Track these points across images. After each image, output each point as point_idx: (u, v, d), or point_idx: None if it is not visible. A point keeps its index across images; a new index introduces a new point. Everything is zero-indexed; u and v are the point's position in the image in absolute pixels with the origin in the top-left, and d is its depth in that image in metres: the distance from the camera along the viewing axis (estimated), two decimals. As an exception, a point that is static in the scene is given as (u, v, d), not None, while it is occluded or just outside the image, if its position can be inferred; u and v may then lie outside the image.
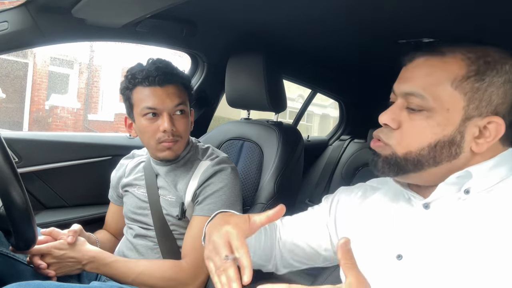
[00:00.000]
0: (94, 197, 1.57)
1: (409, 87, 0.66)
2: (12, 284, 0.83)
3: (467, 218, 0.62)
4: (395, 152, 0.66)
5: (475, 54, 0.63)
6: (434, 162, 0.64)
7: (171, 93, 1.11)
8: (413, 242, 0.66)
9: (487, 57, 0.63)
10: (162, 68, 1.11)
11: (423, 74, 0.65)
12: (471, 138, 0.63)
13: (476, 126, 0.63)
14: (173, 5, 0.95)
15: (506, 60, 0.63)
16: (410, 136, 0.65)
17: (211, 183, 1.14)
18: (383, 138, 0.68)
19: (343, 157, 2.28)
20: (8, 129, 5.81)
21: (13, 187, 0.85)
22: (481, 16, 1.03)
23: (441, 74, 0.63)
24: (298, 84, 2.18)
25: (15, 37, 1.12)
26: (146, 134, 1.13)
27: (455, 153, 0.64)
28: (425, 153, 0.64)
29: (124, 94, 1.16)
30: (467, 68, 0.62)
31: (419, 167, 0.65)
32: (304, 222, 0.89)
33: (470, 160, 0.65)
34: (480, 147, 0.63)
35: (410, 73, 0.67)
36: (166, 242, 1.16)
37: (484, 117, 0.62)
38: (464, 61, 0.63)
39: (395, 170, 0.67)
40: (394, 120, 0.67)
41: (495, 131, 0.62)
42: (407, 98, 0.66)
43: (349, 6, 1.06)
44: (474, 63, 0.62)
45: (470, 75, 0.62)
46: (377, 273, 0.69)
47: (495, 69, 0.62)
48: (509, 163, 0.66)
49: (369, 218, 0.77)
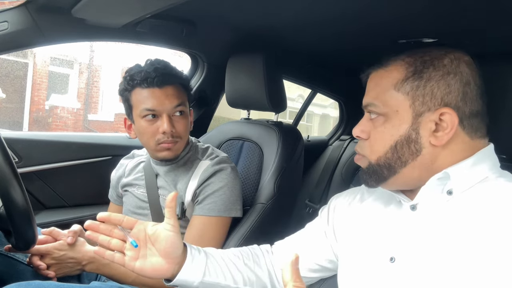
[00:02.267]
0: (94, 197, 1.57)
1: (366, 100, 0.74)
2: (12, 284, 0.83)
3: (452, 218, 0.63)
4: (370, 161, 0.72)
5: (413, 57, 0.69)
6: (401, 163, 0.69)
7: (170, 94, 1.11)
8: (403, 244, 0.68)
9: (425, 56, 0.68)
10: (160, 69, 1.11)
11: (373, 85, 0.73)
12: (429, 133, 0.67)
13: (431, 121, 0.66)
14: (173, 5, 0.95)
15: (443, 56, 0.67)
16: (376, 142, 0.71)
17: (211, 183, 1.14)
18: (359, 150, 0.75)
19: (343, 157, 2.28)
20: (8, 129, 5.80)
21: (13, 187, 0.85)
22: (481, 16, 1.03)
23: (385, 82, 0.70)
24: (298, 84, 2.18)
25: (15, 37, 1.12)
26: (145, 135, 1.13)
27: (415, 149, 0.68)
28: (390, 155, 0.69)
29: (123, 96, 1.15)
30: (406, 71, 0.69)
31: (392, 171, 0.70)
32: (303, 240, 0.89)
33: (438, 156, 0.67)
34: (439, 140, 0.66)
35: (367, 87, 0.75)
36: (166, 242, 1.16)
37: (434, 110, 0.66)
38: (402, 66, 0.69)
39: (375, 178, 0.72)
40: (364, 131, 0.73)
41: (450, 122, 0.65)
42: (368, 109, 0.73)
43: (350, 7, 1.06)
44: (412, 65, 0.68)
45: (409, 76, 0.68)
46: (371, 276, 0.71)
47: (432, 65, 0.67)
48: (490, 160, 0.67)
49: (364, 222, 0.78)
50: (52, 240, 1.04)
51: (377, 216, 0.76)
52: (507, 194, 0.61)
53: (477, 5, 0.95)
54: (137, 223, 0.75)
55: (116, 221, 0.74)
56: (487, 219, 0.60)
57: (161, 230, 0.73)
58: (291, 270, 0.48)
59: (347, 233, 0.80)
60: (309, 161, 2.28)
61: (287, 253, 0.89)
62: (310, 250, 0.87)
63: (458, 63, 0.67)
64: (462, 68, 0.66)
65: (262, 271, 0.86)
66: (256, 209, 1.29)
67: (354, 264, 0.76)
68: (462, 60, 0.67)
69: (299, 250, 0.87)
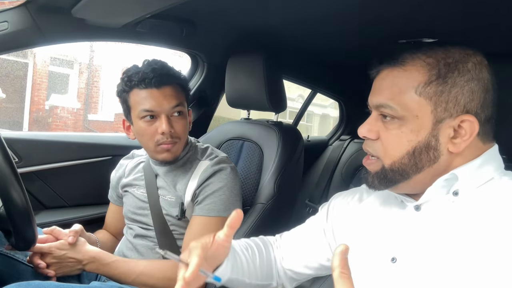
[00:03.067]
0: (94, 197, 1.56)
1: (379, 100, 0.68)
2: (12, 284, 0.83)
3: (457, 219, 0.63)
4: (383, 165, 0.68)
5: (434, 58, 0.65)
6: (417, 169, 0.66)
7: (168, 94, 1.11)
8: (406, 245, 0.67)
9: (448, 58, 0.64)
10: (158, 70, 1.10)
11: (389, 85, 0.67)
12: (447, 139, 0.64)
13: (450, 127, 0.64)
14: (173, 5, 0.95)
15: (467, 59, 0.64)
16: (390, 145, 0.67)
17: (210, 183, 1.14)
18: (371, 150, 0.71)
19: (343, 157, 2.28)
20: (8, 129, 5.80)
21: (13, 187, 0.85)
22: (482, 16, 1.03)
23: (404, 83, 0.65)
24: (298, 84, 2.18)
25: (15, 37, 1.12)
26: (144, 136, 1.13)
27: (433, 156, 0.65)
28: (406, 161, 0.66)
29: (121, 97, 1.15)
30: (428, 73, 0.64)
31: (405, 176, 0.67)
32: (302, 236, 0.89)
33: (452, 162, 0.65)
34: (457, 147, 0.64)
35: (379, 86, 0.70)
36: (166, 242, 1.16)
37: (455, 117, 0.64)
38: (424, 67, 0.65)
39: (385, 183, 0.69)
40: (371, 131, 0.69)
41: (470, 129, 0.63)
42: (380, 109, 0.68)
43: (350, 7, 1.06)
44: (434, 67, 0.64)
45: (432, 79, 0.64)
46: (372, 276, 0.70)
47: (457, 70, 0.63)
48: (495, 161, 0.66)
49: (364, 222, 0.77)
50: (53, 239, 1.04)
51: (378, 216, 0.75)
52: (511, 194, 0.61)
53: (477, 5, 0.95)
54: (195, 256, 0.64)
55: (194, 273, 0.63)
56: (491, 219, 0.59)
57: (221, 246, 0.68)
58: (339, 258, 0.49)
59: (347, 232, 0.80)
60: (309, 161, 2.28)
61: (286, 247, 0.89)
62: (308, 246, 0.87)
63: (481, 68, 0.64)
64: (484, 74, 0.64)
65: (271, 257, 0.88)
66: (256, 209, 1.29)
67: (354, 264, 0.76)
68: (483, 64, 0.65)
69: (297, 246, 0.88)
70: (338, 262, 0.49)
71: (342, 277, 0.48)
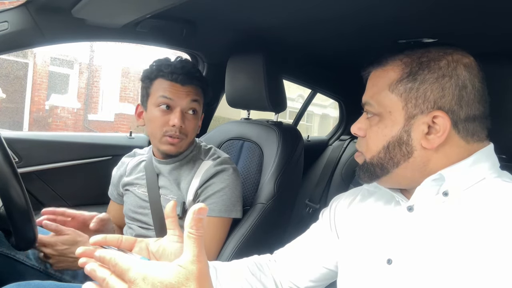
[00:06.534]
0: (94, 197, 1.57)
1: (364, 98, 0.74)
2: (12, 284, 0.83)
3: (448, 219, 0.63)
4: (365, 158, 0.73)
5: (411, 57, 0.68)
6: (394, 163, 0.69)
7: (189, 91, 1.15)
8: (400, 246, 0.67)
9: (423, 57, 0.67)
10: (187, 68, 1.15)
11: (371, 85, 0.73)
12: (421, 135, 0.66)
13: (424, 123, 0.66)
14: (173, 5, 0.95)
15: (442, 57, 0.66)
16: (370, 140, 0.72)
17: (212, 183, 1.14)
18: (358, 147, 0.76)
19: (343, 157, 2.27)
20: (8, 129, 5.81)
21: (13, 187, 0.85)
22: (481, 16, 1.03)
23: (382, 82, 0.70)
24: (298, 84, 2.18)
25: (15, 37, 1.12)
26: (155, 123, 1.14)
27: (406, 151, 0.67)
28: (382, 155, 0.70)
29: (144, 82, 1.18)
30: (401, 72, 0.68)
31: (384, 170, 0.70)
32: (304, 248, 0.88)
33: (430, 158, 0.66)
34: (431, 143, 0.65)
35: (367, 86, 0.75)
36: (166, 242, 1.16)
37: (427, 113, 0.65)
38: (399, 66, 0.69)
39: (369, 175, 0.73)
40: (360, 129, 0.74)
41: (443, 126, 0.64)
42: (365, 107, 0.74)
43: (350, 6, 1.06)
44: (408, 66, 0.68)
45: (403, 77, 0.67)
46: (369, 278, 0.70)
47: (428, 67, 0.66)
48: (489, 161, 0.66)
49: (362, 223, 0.77)
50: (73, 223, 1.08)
51: (375, 217, 0.75)
52: (502, 194, 0.61)
53: (477, 5, 0.95)
54: (137, 242, 0.63)
55: (113, 243, 0.61)
56: (482, 219, 0.59)
57: (166, 244, 0.63)
58: (191, 218, 0.48)
59: (348, 234, 0.80)
60: (309, 161, 2.28)
61: (289, 260, 0.87)
62: (314, 258, 0.85)
63: (456, 66, 0.65)
64: (459, 71, 0.65)
65: (268, 280, 0.85)
66: (256, 209, 1.29)
67: (352, 266, 0.76)
68: (460, 62, 0.65)
69: (302, 258, 0.86)
70: (188, 222, 0.49)
71: (189, 237, 0.49)
